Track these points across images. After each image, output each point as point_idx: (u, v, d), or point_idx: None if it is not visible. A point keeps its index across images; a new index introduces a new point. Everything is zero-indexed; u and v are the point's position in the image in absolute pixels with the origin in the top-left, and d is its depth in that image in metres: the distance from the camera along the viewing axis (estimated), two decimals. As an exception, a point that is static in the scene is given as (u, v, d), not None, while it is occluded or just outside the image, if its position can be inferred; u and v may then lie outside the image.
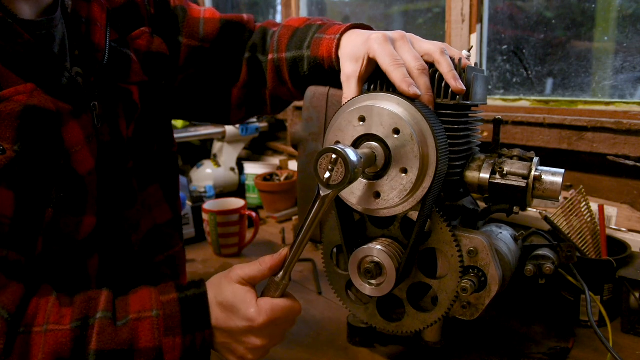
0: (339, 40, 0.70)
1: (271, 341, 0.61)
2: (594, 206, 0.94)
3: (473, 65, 0.69)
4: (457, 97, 0.64)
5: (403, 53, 0.63)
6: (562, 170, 0.66)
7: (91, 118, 0.64)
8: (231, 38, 0.84)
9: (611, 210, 0.99)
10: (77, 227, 0.62)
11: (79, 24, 0.65)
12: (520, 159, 0.67)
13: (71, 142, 0.60)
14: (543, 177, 0.65)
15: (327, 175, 0.54)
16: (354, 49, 0.67)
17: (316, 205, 0.57)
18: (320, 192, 0.56)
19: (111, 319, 0.56)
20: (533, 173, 0.65)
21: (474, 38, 1.23)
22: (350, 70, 0.67)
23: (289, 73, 0.79)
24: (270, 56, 0.81)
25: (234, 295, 0.59)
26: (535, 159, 0.67)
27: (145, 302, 0.58)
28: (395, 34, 0.66)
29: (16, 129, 0.54)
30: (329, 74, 0.74)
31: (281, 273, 0.61)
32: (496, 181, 0.67)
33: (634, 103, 1.05)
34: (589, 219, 0.93)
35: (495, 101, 1.26)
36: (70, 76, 0.61)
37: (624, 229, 0.97)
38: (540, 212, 0.88)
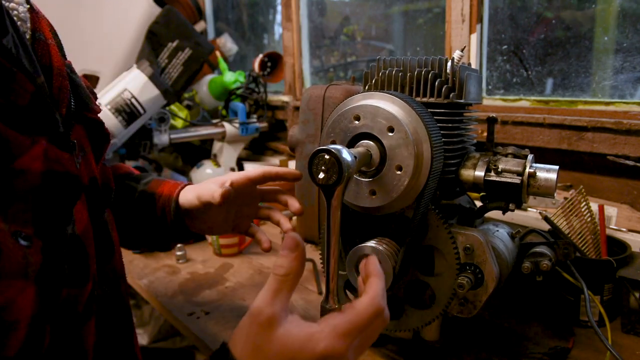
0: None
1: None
2: (594, 206, 0.93)
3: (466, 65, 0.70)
4: (451, 95, 0.65)
5: None
6: (556, 167, 0.66)
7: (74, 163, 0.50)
8: None
9: (611, 210, 0.99)
10: (79, 298, 0.50)
11: (33, 41, 0.50)
12: (515, 156, 0.67)
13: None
14: (537, 173, 0.65)
15: (322, 175, 0.54)
16: None
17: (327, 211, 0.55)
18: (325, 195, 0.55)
19: None
20: (527, 170, 0.65)
21: (474, 38, 1.23)
22: None
23: None
24: None
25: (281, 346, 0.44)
26: (530, 156, 0.67)
27: None
28: None
29: (33, 206, 0.41)
30: None
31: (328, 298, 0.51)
32: (491, 178, 0.67)
33: (634, 103, 1.05)
34: (589, 219, 0.92)
35: (495, 101, 1.26)
36: (62, 117, 0.47)
37: (624, 229, 0.97)
38: (540, 212, 0.88)
